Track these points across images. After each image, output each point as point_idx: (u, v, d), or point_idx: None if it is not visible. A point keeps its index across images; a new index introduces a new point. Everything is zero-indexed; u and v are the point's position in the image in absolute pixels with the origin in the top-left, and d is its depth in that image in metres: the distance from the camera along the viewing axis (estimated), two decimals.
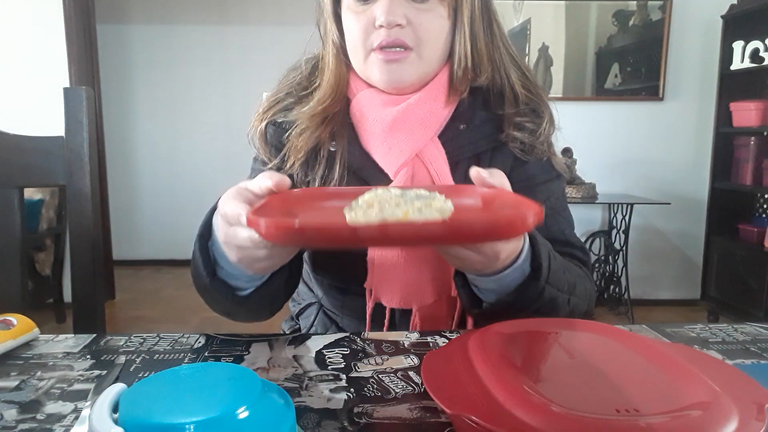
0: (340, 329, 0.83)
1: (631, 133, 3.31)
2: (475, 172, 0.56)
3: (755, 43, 2.88)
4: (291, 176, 0.77)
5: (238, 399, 0.29)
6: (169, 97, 4.36)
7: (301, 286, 0.92)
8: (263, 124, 0.81)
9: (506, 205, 0.52)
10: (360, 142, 0.77)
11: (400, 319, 0.78)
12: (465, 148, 0.77)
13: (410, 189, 0.53)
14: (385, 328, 0.78)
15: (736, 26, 3.02)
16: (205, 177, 4.41)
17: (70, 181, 0.86)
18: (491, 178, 0.55)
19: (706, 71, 3.23)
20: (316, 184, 0.76)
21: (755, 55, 2.89)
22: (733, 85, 3.07)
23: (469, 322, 0.76)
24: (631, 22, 3.22)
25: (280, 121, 0.79)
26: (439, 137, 0.77)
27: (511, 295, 0.62)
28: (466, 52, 0.74)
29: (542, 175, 0.80)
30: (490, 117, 0.78)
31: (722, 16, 3.04)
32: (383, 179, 0.76)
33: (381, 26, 0.70)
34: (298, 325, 0.90)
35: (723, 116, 3.12)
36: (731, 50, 3.00)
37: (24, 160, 0.87)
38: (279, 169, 0.78)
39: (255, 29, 4.28)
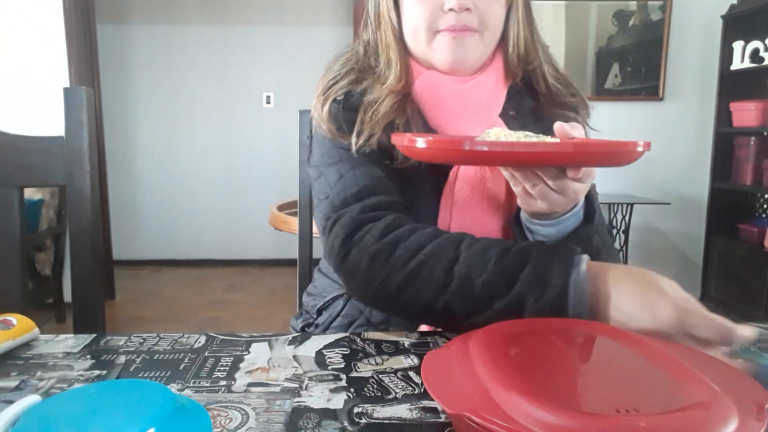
0: (368, 320, 0.81)
1: (631, 133, 3.31)
2: (558, 125, 0.63)
3: (755, 43, 2.88)
4: (367, 153, 0.75)
5: (146, 420, 0.27)
6: (169, 97, 4.36)
7: (323, 281, 0.91)
8: (328, 103, 0.79)
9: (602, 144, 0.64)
10: (427, 122, 0.80)
11: None
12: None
13: (515, 132, 0.64)
14: None
15: (736, 26, 3.02)
16: (205, 177, 4.41)
17: (70, 181, 0.86)
18: (573, 131, 0.62)
19: (706, 71, 3.23)
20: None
21: (755, 55, 2.89)
22: (733, 85, 3.07)
23: None
24: (631, 22, 3.22)
25: (341, 98, 0.79)
26: None
27: (566, 240, 0.67)
28: (520, 38, 0.79)
29: None
30: (535, 105, 0.83)
31: (722, 16, 3.04)
32: None
33: (451, 10, 0.73)
34: (312, 320, 0.90)
35: (723, 116, 3.12)
36: (731, 50, 3.00)
37: (24, 160, 0.87)
38: (357, 145, 0.76)
39: (255, 29, 4.29)
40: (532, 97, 0.85)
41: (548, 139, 0.62)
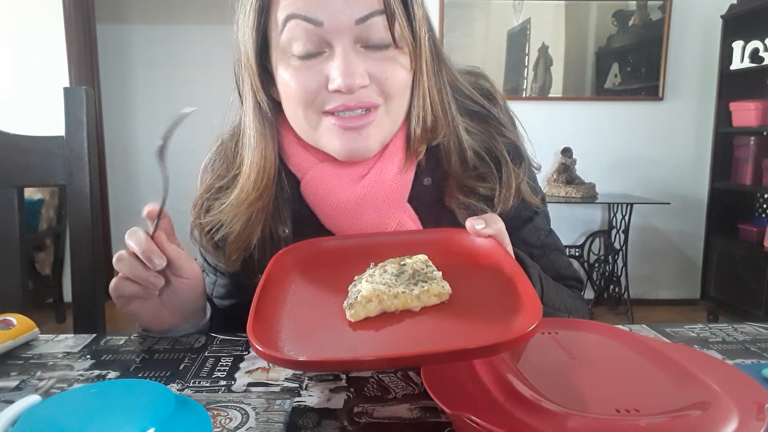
0: None
1: (631, 133, 3.31)
2: (470, 224, 0.55)
3: (755, 43, 2.88)
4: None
5: (147, 419, 0.27)
6: (169, 97, 4.36)
7: None
8: (205, 233, 0.71)
9: (501, 271, 0.51)
10: (319, 220, 0.68)
11: None
12: (434, 207, 0.69)
13: (407, 260, 0.52)
14: None
15: (735, 26, 3.02)
16: None
17: (70, 180, 0.86)
18: (487, 229, 0.55)
19: (705, 71, 3.23)
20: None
21: (755, 55, 2.89)
22: (732, 85, 3.07)
23: None
24: (630, 22, 3.22)
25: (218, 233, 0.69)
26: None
27: None
28: (426, 107, 0.64)
29: (523, 215, 0.73)
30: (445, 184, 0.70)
31: (722, 16, 3.04)
32: None
33: (337, 91, 0.58)
34: None
35: (723, 116, 3.12)
36: (731, 50, 3.00)
37: (24, 160, 0.87)
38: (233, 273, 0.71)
39: None
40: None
41: (437, 280, 0.49)
